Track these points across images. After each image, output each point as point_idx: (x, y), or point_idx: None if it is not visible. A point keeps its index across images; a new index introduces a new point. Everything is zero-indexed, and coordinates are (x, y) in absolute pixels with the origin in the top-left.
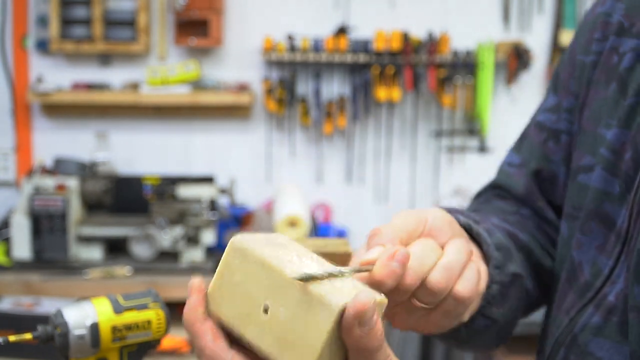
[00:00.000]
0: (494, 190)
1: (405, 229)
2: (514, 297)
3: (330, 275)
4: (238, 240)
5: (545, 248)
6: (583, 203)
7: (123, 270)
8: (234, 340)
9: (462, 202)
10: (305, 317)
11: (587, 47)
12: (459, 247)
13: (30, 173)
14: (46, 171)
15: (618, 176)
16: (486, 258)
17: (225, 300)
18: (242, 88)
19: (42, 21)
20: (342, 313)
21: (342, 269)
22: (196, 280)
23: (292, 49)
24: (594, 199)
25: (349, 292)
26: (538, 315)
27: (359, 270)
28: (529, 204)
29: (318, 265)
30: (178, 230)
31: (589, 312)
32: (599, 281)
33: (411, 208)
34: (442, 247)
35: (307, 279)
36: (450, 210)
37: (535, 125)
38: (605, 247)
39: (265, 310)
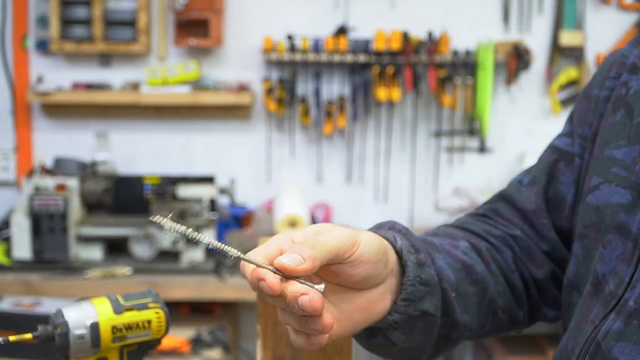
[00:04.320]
0: (499, 203)
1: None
2: (421, 331)
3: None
4: None
5: (512, 281)
6: (592, 221)
7: (123, 270)
8: None
9: (462, 202)
10: None
11: (602, 83)
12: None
13: (30, 173)
14: (46, 171)
15: (629, 187)
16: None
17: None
18: (242, 88)
19: (42, 21)
20: None
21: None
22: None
23: (292, 49)
24: (610, 213)
25: None
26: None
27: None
28: (534, 221)
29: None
30: None
31: (611, 319)
32: (621, 289)
33: (411, 208)
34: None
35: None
36: (395, 228)
37: (549, 148)
38: (624, 256)
39: None
